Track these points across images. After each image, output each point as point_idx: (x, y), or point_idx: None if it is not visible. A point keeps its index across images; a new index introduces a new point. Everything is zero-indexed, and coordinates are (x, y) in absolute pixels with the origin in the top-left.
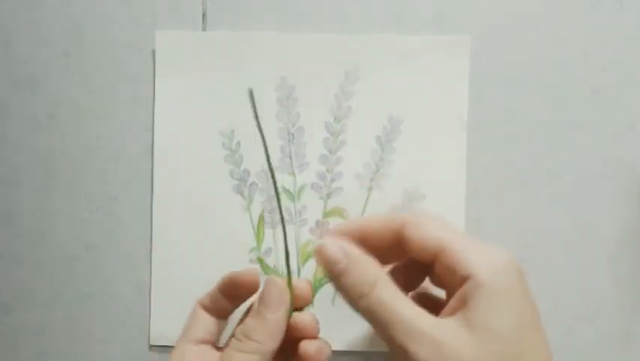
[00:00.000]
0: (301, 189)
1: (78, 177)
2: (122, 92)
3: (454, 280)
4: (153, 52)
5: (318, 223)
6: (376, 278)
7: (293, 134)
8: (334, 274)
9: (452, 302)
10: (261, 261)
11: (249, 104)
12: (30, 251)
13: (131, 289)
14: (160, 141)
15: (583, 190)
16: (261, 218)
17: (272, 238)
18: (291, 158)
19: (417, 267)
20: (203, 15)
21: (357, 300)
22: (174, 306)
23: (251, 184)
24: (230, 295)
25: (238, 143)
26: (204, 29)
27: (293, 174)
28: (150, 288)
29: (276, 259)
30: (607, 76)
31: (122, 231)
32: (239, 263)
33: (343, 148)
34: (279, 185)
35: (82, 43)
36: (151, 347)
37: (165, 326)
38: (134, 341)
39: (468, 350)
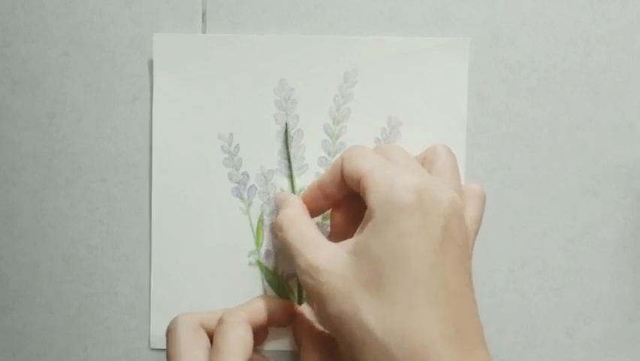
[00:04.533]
0: (300, 191)
1: (78, 177)
2: (123, 93)
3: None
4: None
5: (317, 225)
6: (293, 219)
7: (292, 137)
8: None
9: (358, 230)
10: (260, 264)
11: (248, 110)
12: (30, 251)
13: (131, 288)
14: (158, 144)
15: (583, 190)
16: (260, 221)
17: (271, 240)
18: (289, 160)
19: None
20: (203, 15)
21: (276, 234)
22: (174, 310)
23: (250, 187)
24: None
25: (237, 146)
26: (204, 31)
27: (292, 176)
28: (150, 291)
29: (276, 262)
30: (607, 76)
31: (122, 231)
32: (238, 266)
33: (342, 150)
34: (277, 188)
35: (82, 43)
36: (152, 349)
37: (165, 329)
38: (135, 342)
39: (340, 273)
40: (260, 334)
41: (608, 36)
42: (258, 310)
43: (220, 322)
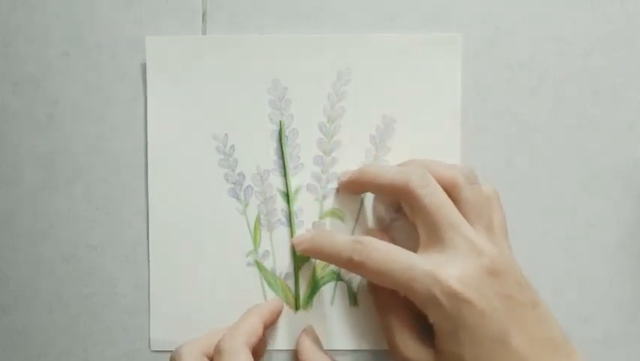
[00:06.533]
0: (296, 191)
1: (78, 177)
2: (122, 93)
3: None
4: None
5: (314, 225)
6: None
7: (287, 136)
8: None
9: (425, 239)
10: (258, 264)
11: (243, 110)
12: (30, 251)
13: (131, 288)
14: (153, 147)
15: (583, 190)
16: (257, 221)
17: (269, 240)
18: (285, 160)
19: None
20: (203, 15)
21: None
22: (173, 311)
23: (246, 187)
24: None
25: (232, 146)
26: (204, 31)
27: (287, 175)
28: (149, 293)
29: (274, 262)
30: (607, 76)
31: (122, 231)
32: (237, 267)
33: (338, 149)
34: (274, 188)
35: (82, 44)
36: (152, 350)
37: (165, 330)
38: (135, 342)
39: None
40: (259, 346)
41: (608, 36)
42: (254, 328)
43: (219, 351)
